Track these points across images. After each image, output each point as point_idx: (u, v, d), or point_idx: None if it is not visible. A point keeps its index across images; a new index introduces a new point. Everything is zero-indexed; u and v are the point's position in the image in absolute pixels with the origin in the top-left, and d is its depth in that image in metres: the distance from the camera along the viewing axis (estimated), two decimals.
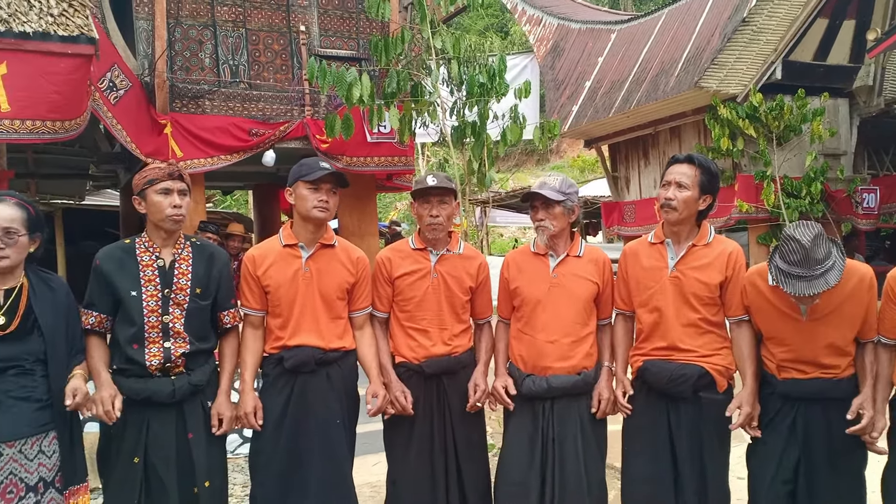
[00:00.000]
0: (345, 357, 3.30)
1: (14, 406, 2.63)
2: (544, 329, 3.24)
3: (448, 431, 3.37)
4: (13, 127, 5.70)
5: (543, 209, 3.25)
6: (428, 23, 5.50)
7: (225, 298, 3.15)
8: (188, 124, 7.52)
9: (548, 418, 3.22)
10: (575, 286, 3.27)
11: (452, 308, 3.39)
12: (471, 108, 5.68)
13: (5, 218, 2.64)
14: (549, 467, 3.17)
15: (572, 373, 3.23)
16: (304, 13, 8.08)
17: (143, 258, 2.98)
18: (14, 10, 5.82)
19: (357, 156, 8.17)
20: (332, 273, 3.26)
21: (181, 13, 7.46)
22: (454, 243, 3.46)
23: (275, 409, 3.18)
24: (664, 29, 10.92)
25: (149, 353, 2.93)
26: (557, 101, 12.14)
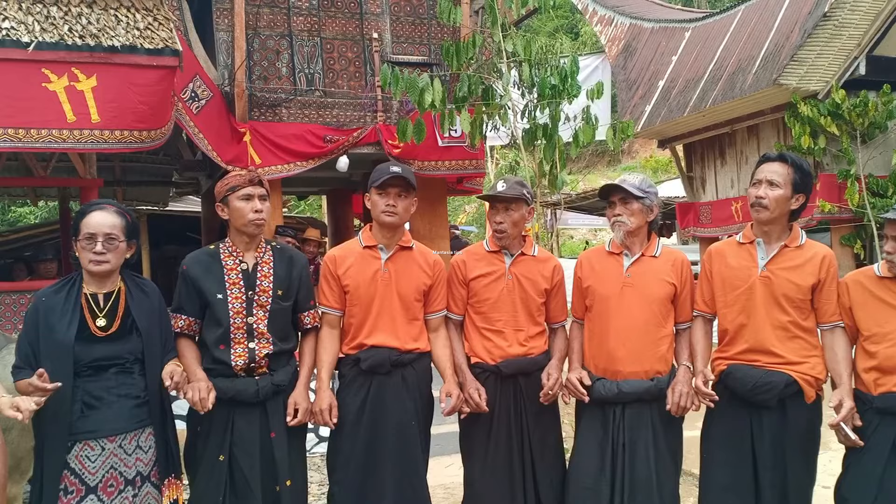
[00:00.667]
0: (419, 359, 3.34)
1: (115, 402, 2.78)
2: (616, 331, 3.20)
3: (524, 432, 3.37)
4: (102, 137, 5.97)
5: (621, 204, 3.22)
6: (499, 26, 5.51)
7: (304, 300, 3.25)
8: (266, 132, 7.73)
9: (618, 423, 3.17)
10: (649, 287, 3.20)
11: (527, 310, 3.39)
12: (542, 110, 5.66)
13: (107, 225, 2.80)
14: (618, 473, 3.12)
15: (645, 378, 3.17)
16: (376, 20, 8.20)
17: (228, 262, 3.10)
18: (103, 26, 6.11)
19: (428, 160, 8.23)
20: (410, 275, 3.32)
21: (259, 24, 7.68)
22: (528, 246, 3.47)
23: (352, 408, 3.24)
24: (741, 25, 10.64)
25: (234, 353, 3.05)
26: (630, 102, 11.97)
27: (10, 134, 5.64)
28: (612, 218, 3.24)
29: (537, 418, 3.38)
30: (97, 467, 2.73)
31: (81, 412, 2.73)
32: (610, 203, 3.27)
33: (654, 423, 3.17)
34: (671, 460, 3.20)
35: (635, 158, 27.38)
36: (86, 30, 5.97)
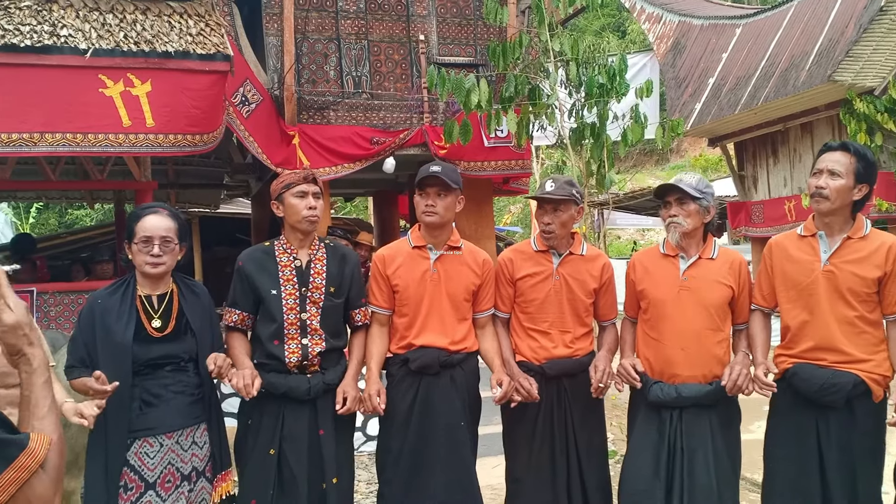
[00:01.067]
0: (468, 359, 3.35)
1: (172, 399, 2.85)
2: (673, 335, 3.14)
3: (569, 434, 3.34)
4: (157, 141, 6.11)
5: (677, 204, 3.15)
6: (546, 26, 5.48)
7: (356, 297, 3.29)
8: (314, 134, 7.83)
9: (675, 428, 3.11)
10: (707, 290, 3.13)
11: (575, 311, 3.36)
12: (590, 109, 5.61)
13: (163, 228, 2.87)
14: (676, 479, 3.05)
15: (703, 382, 3.10)
16: (423, 22, 8.24)
17: (282, 259, 3.16)
18: (157, 32, 6.25)
19: (474, 160, 8.23)
20: (460, 275, 3.32)
21: (308, 28, 7.78)
22: (577, 245, 3.43)
23: (401, 408, 3.26)
24: (793, 21, 10.40)
25: (288, 349, 3.10)
26: (679, 100, 11.79)
27: (69, 138, 5.81)
28: (668, 219, 3.17)
29: (583, 420, 3.36)
30: (156, 463, 2.79)
31: (140, 410, 2.80)
32: (665, 203, 3.20)
33: (713, 428, 3.10)
34: (731, 466, 3.13)
35: (684, 157, 26.96)
36: (140, 36, 6.12)
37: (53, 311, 6.51)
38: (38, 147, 5.73)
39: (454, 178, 3.28)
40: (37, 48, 5.67)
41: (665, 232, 3.25)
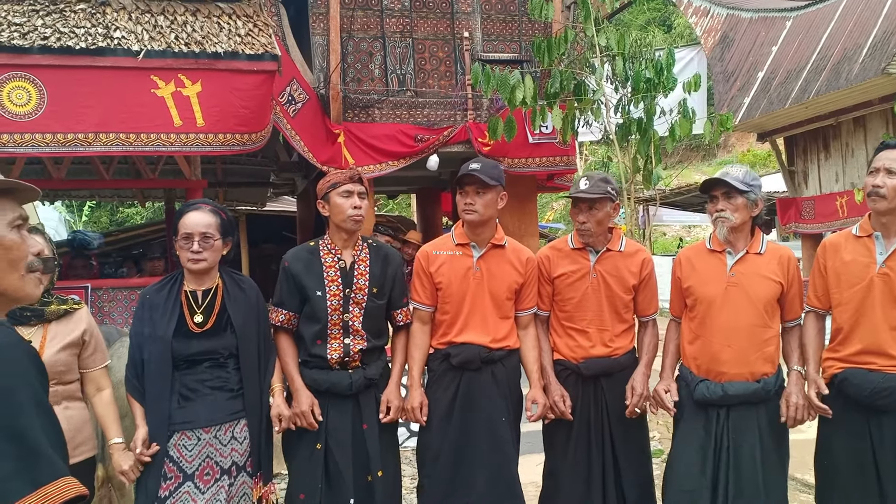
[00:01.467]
0: (509, 356, 3.34)
1: (210, 395, 2.88)
2: (720, 332, 3.07)
3: (606, 433, 3.31)
4: (207, 140, 6.23)
5: (724, 199, 3.08)
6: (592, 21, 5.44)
7: (398, 297, 3.30)
8: (359, 133, 7.89)
9: (722, 426, 3.06)
10: (755, 286, 3.07)
11: (613, 308, 3.32)
12: (636, 104, 5.55)
13: (202, 224, 2.90)
14: (722, 478, 3.01)
15: (751, 379, 3.04)
16: (467, 19, 8.24)
17: (327, 259, 3.18)
18: (207, 33, 6.37)
19: (518, 157, 8.21)
20: (503, 273, 3.30)
21: (353, 27, 7.85)
22: (615, 241, 3.38)
23: (442, 403, 3.26)
24: (846, 13, 10.14)
25: (330, 348, 3.12)
26: (727, 94, 11.59)
27: (122, 138, 5.95)
28: (715, 213, 3.10)
29: (620, 419, 3.32)
30: (194, 456, 2.84)
31: (178, 404, 2.85)
32: (712, 198, 3.13)
33: (761, 426, 3.05)
34: (778, 464, 3.08)
35: (731, 152, 26.48)
36: (191, 37, 6.24)
37: (107, 306, 6.68)
38: (93, 147, 5.89)
39: (493, 175, 3.25)
40: (91, 50, 5.83)
41: (712, 227, 3.20)
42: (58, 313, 2.88)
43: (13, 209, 1.46)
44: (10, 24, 5.90)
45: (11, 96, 5.61)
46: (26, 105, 5.65)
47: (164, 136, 6.07)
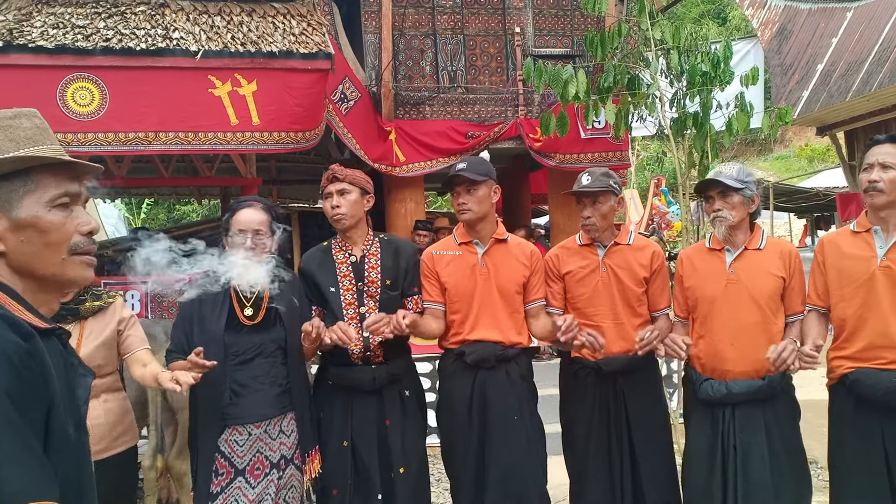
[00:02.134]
0: (522, 354, 3.32)
1: (260, 390, 2.91)
2: (722, 330, 3.06)
3: (623, 431, 3.27)
4: (262, 139, 6.35)
5: (720, 198, 3.09)
6: (647, 14, 5.37)
7: (409, 286, 3.30)
8: (410, 130, 7.93)
9: (728, 425, 3.04)
10: (756, 282, 3.05)
11: (626, 301, 3.30)
12: (692, 98, 5.46)
13: (255, 221, 2.96)
14: (731, 478, 2.99)
15: (755, 377, 3.01)
16: (519, 15, 8.22)
17: (338, 256, 3.22)
18: (262, 33, 6.48)
19: (570, 153, 8.16)
20: (508, 267, 3.29)
21: (405, 24, 7.89)
22: (623, 235, 3.38)
23: (460, 404, 3.25)
24: None
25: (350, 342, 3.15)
26: (785, 87, 11.32)
27: (181, 137, 6.10)
28: (712, 213, 3.11)
29: (641, 418, 3.28)
30: (245, 451, 2.88)
31: (230, 399, 2.88)
32: (707, 198, 3.14)
33: (768, 424, 3.01)
34: (789, 461, 3.02)
35: (789, 147, 25.86)
36: (246, 37, 6.36)
37: (166, 301, 6.85)
38: (153, 146, 6.05)
39: (481, 171, 3.23)
40: (151, 51, 5.98)
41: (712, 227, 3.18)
42: (93, 310, 2.94)
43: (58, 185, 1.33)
44: (73, 26, 6.09)
45: (75, 97, 5.80)
46: (89, 105, 5.83)
47: (221, 135, 6.20)
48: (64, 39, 5.87)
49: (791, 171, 21.33)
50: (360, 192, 3.19)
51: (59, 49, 5.78)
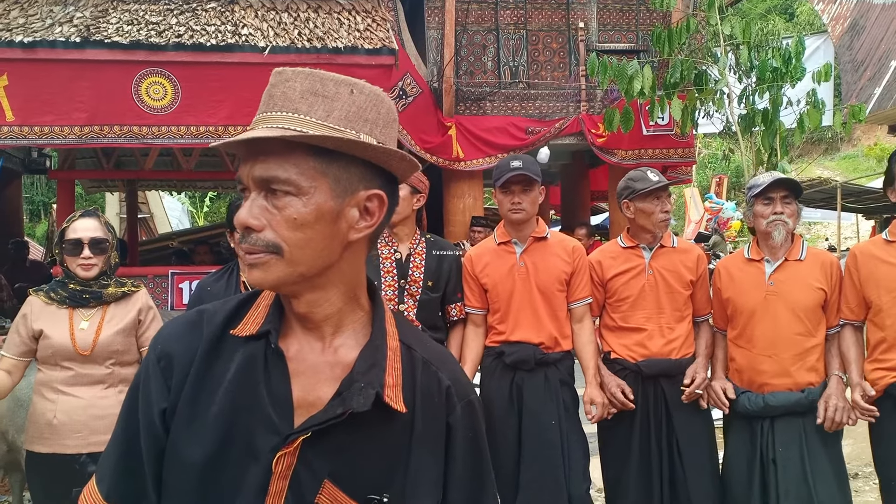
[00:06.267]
0: (563, 358, 3.28)
1: None
2: (761, 342, 2.98)
3: (665, 434, 3.21)
4: None
5: (783, 202, 2.98)
6: (716, 9, 5.26)
7: (452, 292, 3.31)
8: (470, 126, 7.94)
9: (766, 438, 2.96)
10: (796, 294, 2.96)
11: (673, 304, 3.23)
12: (761, 94, 5.33)
13: None
14: (772, 490, 2.92)
15: (794, 390, 2.94)
16: (583, 10, 8.15)
17: (384, 252, 3.24)
18: (328, 29, 6.58)
19: (631, 149, 8.07)
20: (548, 265, 3.25)
21: (468, 20, 7.90)
22: (667, 237, 3.30)
23: (499, 404, 3.24)
24: None
25: None
26: (856, 84, 10.98)
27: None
28: (772, 216, 2.97)
29: (683, 422, 3.22)
30: None
31: None
32: (768, 200, 3.00)
33: (807, 438, 2.93)
34: (831, 473, 2.94)
35: (857, 146, 25.03)
36: (313, 33, 6.46)
37: None
38: (223, 139, 6.18)
39: (536, 172, 3.20)
40: (221, 47, 6.13)
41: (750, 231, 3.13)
42: (116, 296, 2.97)
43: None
44: (147, 22, 6.28)
45: (149, 91, 5.98)
46: (163, 100, 6.00)
47: None
48: (138, 35, 6.06)
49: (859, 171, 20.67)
50: (410, 190, 3.20)
51: (133, 45, 5.96)
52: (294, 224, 1.04)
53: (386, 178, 1.11)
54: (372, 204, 1.09)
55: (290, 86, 1.07)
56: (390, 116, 1.10)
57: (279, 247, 1.04)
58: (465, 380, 1.18)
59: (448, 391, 1.12)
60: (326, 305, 1.11)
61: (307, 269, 1.06)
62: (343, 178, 1.06)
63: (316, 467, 1.05)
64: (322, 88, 1.05)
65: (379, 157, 1.07)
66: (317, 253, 1.06)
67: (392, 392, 1.07)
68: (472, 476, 1.15)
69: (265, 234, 1.04)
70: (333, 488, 1.05)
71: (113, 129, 5.92)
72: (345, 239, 1.08)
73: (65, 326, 2.82)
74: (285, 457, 1.04)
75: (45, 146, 7.84)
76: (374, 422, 1.06)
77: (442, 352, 1.20)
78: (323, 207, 1.05)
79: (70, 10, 6.31)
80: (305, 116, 1.03)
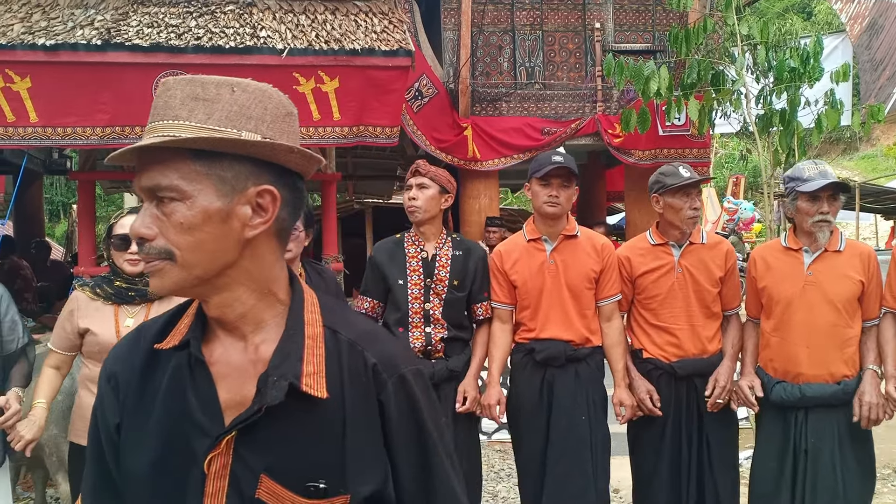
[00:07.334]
0: (593, 354, 3.29)
1: None
2: (797, 332, 2.99)
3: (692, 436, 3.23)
4: (343, 133, 6.48)
5: (830, 201, 2.99)
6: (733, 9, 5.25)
7: (478, 291, 3.34)
8: (486, 126, 7.96)
9: (800, 429, 2.97)
10: (834, 285, 2.97)
11: (702, 302, 3.23)
12: (779, 94, 5.32)
13: None
14: (800, 483, 2.93)
15: (830, 381, 2.95)
16: (599, 10, 8.15)
17: (410, 250, 3.28)
18: (345, 31, 6.61)
19: (647, 150, 8.05)
20: (578, 263, 3.26)
21: (484, 21, 7.92)
22: (697, 234, 3.30)
23: (528, 401, 3.26)
24: None
25: (412, 336, 3.21)
26: (875, 83, 10.91)
27: None
28: (819, 215, 2.97)
29: (714, 423, 3.23)
30: None
31: None
32: (815, 199, 2.99)
33: (840, 431, 2.95)
34: (859, 468, 2.95)
35: (875, 146, 24.81)
36: (330, 35, 6.50)
37: None
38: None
39: (576, 169, 3.24)
40: (239, 49, 6.17)
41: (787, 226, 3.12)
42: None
43: None
44: (167, 25, 6.34)
45: None
46: None
47: (304, 130, 6.35)
48: (158, 38, 6.11)
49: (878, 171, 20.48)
50: (439, 190, 3.25)
51: (153, 47, 6.01)
52: (182, 228, 1.06)
53: (279, 173, 1.12)
54: (264, 200, 1.10)
55: (171, 94, 1.08)
56: (280, 111, 1.12)
57: (171, 252, 1.06)
58: (398, 355, 1.17)
59: (375, 369, 1.13)
60: (237, 305, 1.13)
61: (203, 272, 1.08)
62: (229, 178, 1.08)
63: (252, 464, 1.08)
64: (202, 92, 1.07)
65: (263, 152, 1.09)
66: (210, 254, 1.08)
67: (311, 380, 1.09)
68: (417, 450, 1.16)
69: (157, 241, 1.06)
70: (270, 482, 1.08)
71: (134, 129, 5.98)
72: (240, 237, 1.09)
73: (111, 323, 2.87)
74: (218, 457, 1.08)
75: (67, 147, 7.94)
76: (303, 411, 1.09)
77: (370, 330, 1.20)
78: (209, 209, 1.06)
79: (91, 14, 6.38)
80: (185, 122, 1.05)
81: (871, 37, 11.55)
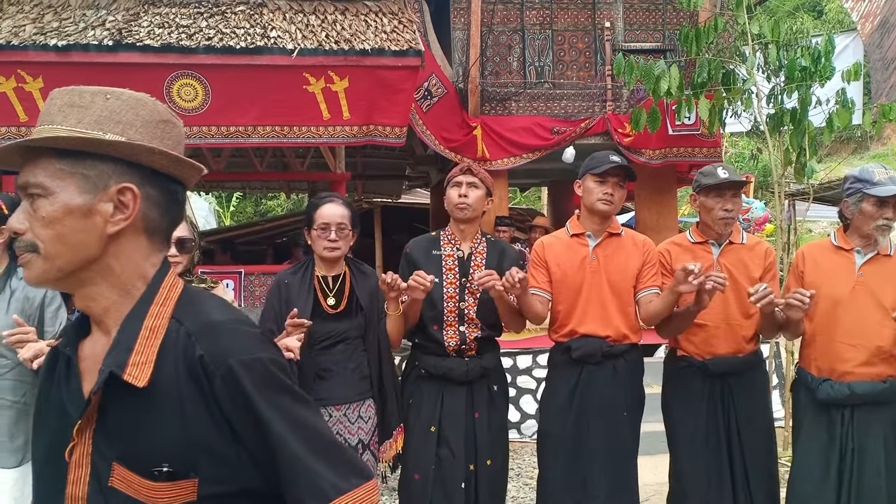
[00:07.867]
0: (631, 350, 3.30)
1: (341, 374, 3.06)
2: (845, 332, 2.98)
3: (732, 434, 3.22)
4: (352, 132, 6.51)
5: (894, 206, 2.96)
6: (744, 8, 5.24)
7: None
8: (495, 126, 7.96)
9: (847, 427, 2.95)
10: (885, 288, 2.97)
11: (740, 302, 3.22)
12: (790, 94, 5.30)
13: (338, 215, 3.10)
14: (845, 480, 2.91)
15: (876, 379, 2.94)
16: (609, 9, 8.13)
17: (446, 249, 3.30)
18: (354, 31, 6.62)
19: (659, 149, 8.03)
20: (620, 260, 3.28)
21: (493, 21, 7.92)
22: (736, 233, 3.32)
23: (562, 394, 3.27)
24: None
25: (447, 335, 3.22)
26: (886, 82, 10.85)
27: (278, 131, 6.33)
28: (883, 220, 2.96)
29: (749, 421, 3.23)
30: None
31: (314, 382, 3.02)
32: (882, 204, 2.96)
33: (886, 431, 2.93)
34: None
35: (887, 145, 24.65)
36: (340, 35, 6.51)
37: (258, 290, 7.11)
38: (252, 138, 6.30)
39: (633, 172, 3.29)
40: (250, 49, 6.20)
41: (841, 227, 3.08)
42: None
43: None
44: (178, 25, 6.37)
45: (181, 93, 6.07)
46: (194, 101, 6.10)
47: (314, 129, 6.39)
48: (169, 38, 6.14)
49: None
50: (485, 192, 3.30)
51: (164, 48, 6.05)
52: (44, 222, 1.13)
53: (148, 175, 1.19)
54: (125, 197, 1.17)
55: (52, 102, 1.17)
56: (154, 117, 1.20)
57: (36, 245, 1.14)
58: (229, 346, 1.18)
59: (202, 361, 1.16)
60: (101, 299, 1.20)
61: (65, 264, 1.16)
62: (92, 176, 1.16)
63: (105, 453, 1.16)
64: (79, 100, 1.16)
65: (124, 152, 1.16)
66: (72, 247, 1.15)
67: (137, 370, 1.14)
68: (260, 438, 1.18)
69: (27, 235, 1.15)
70: (122, 469, 1.15)
71: None
72: (102, 233, 1.16)
73: None
74: (77, 447, 1.17)
75: None
76: (144, 399, 1.15)
77: (211, 322, 1.20)
78: (70, 204, 1.14)
79: (102, 14, 6.42)
80: (59, 126, 1.14)
81: (882, 35, 11.48)
